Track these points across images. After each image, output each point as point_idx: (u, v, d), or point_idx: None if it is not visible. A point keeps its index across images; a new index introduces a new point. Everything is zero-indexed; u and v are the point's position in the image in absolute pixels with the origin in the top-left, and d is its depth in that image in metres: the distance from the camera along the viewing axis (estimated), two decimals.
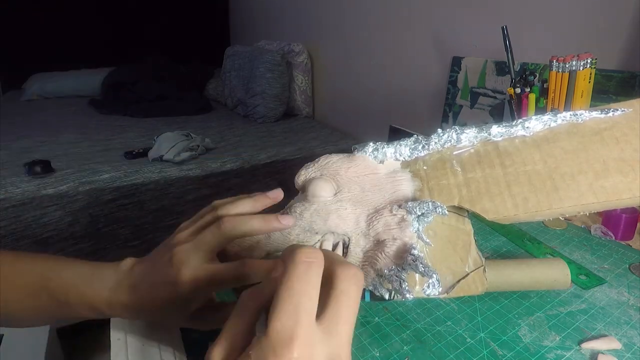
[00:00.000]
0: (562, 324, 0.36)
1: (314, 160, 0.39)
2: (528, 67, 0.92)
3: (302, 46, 1.87)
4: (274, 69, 1.77)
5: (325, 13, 1.78)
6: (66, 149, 1.38)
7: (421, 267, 0.29)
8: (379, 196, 0.35)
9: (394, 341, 0.35)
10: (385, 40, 1.44)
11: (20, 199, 1.06)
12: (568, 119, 0.36)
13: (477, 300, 0.40)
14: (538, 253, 0.48)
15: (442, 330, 0.36)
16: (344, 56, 1.71)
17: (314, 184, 0.35)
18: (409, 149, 0.38)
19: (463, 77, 1.12)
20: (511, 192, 0.34)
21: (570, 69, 0.61)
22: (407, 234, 0.32)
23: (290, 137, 1.62)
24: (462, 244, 0.34)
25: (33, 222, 1.08)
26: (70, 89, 2.31)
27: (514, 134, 0.36)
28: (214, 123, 1.82)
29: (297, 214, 0.34)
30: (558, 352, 0.33)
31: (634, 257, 0.47)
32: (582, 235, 0.52)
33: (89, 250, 1.17)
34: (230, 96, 2.03)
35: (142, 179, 1.20)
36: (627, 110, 0.35)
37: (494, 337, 0.35)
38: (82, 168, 1.20)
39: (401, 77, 1.41)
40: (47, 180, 1.12)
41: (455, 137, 0.37)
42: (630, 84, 0.73)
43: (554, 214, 0.33)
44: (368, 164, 0.38)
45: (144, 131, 1.64)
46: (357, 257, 0.33)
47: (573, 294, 0.41)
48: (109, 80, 2.12)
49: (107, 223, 1.17)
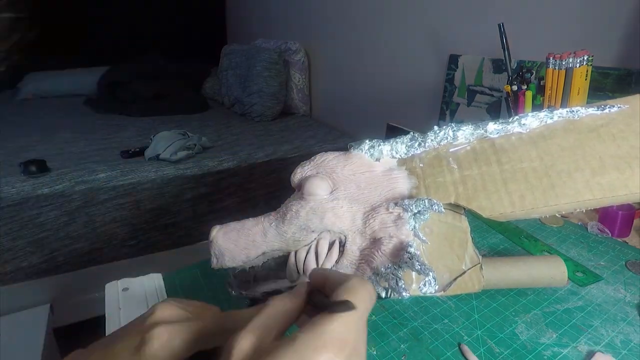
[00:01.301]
0: (559, 321, 0.36)
1: (310, 159, 0.39)
2: (525, 64, 0.92)
3: (299, 44, 1.86)
4: (270, 68, 1.76)
5: (322, 11, 1.77)
6: (62, 148, 1.37)
7: (418, 265, 0.29)
8: (375, 194, 0.35)
9: (391, 339, 0.35)
10: (382, 38, 1.44)
11: (16, 198, 1.05)
12: (564, 116, 0.36)
13: (474, 297, 0.39)
14: (535, 250, 0.48)
15: (439, 328, 0.36)
16: (341, 54, 1.71)
17: (310, 182, 0.35)
18: (405, 146, 0.38)
19: (460, 75, 1.12)
20: (508, 189, 0.33)
21: (567, 66, 0.61)
22: (404, 232, 0.32)
23: (287, 136, 1.62)
24: (458, 242, 0.34)
25: (29, 222, 1.08)
26: (66, 88, 2.30)
27: (510, 131, 0.36)
28: (210, 122, 1.81)
29: (293, 212, 0.34)
30: (555, 349, 0.33)
31: (630, 254, 0.47)
32: (579, 232, 0.52)
33: (85, 250, 1.16)
34: (227, 95, 2.02)
35: (138, 178, 1.19)
36: (624, 106, 0.35)
37: (491, 334, 0.35)
38: (78, 167, 1.19)
39: (398, 75, 1.40)
40: (42, 180, 1.11)
41: (452, 135, 0.37)
42: (626, 81, 0.73)
43: (550, 211, 0.33)
44: (364, 161, 0.37)
45: (141, 130, 1.63)
46: (353, 255, 0.32)
47: (570, 291, 0.41)
48: (105, 79, 2.11)
49: (103, 222, 1.17)
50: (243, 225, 0.35)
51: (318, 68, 1.90)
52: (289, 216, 0.34)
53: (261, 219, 0.35)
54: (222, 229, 0.36)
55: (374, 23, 1.46)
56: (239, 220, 0.36)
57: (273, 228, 0.34)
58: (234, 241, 0.34)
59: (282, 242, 0.34)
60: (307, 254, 0.33)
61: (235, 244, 0.34)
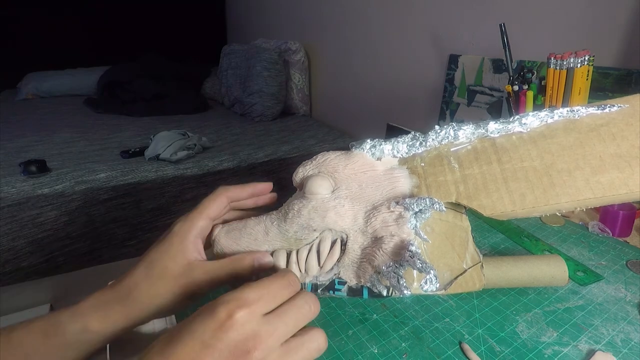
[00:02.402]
0: (559, 320, 0.37)
1: (311, 158, 0.39)
2: (525, 64, 0.92)
3: (299, 44, 1.86)
4: (270, 68, 1.76)
5: (322, 11, 1.77)
6: (62, 149, 1.37)
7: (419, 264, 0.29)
8: (377, 193, 0.35)
9: (392, 338, 0.35)
10: (382, 38, 1.44)
11: (16, 198, 1.05)
12: (565, 115, 0.36)
13: (475, 296, 0.40)
14: (536, 250, 0.48)
15: (440, 326, 0.36)
16: (341, 54, 1.71)
17: (311, 181, 0.35)
18: (407, 145, 0.38)
19: (460, 75, 1.12)
20: (508, 188, 0.34)
21: (567, 66, 0.61)
22: (405, 231, 0.32)
23: (287, 136, 1.62)
24: (459, 241, 0.34)
25: (29, 222, 1.08)
26: (65, 88, 2.30)
27: (511, 130, 0.36)
28: (210, 122, 1.82)
29: (295, 211, 0.34)
30: (555, 348, 0.33)
31: (631, 253, 0.47)
32: (580, 232, 0.52)
33: (85, 250, 1.16)
34: (227, 95, 2.02)
35: (138, 178, 1.19)
36: (624, 106, 0.35)
37: (492, 333, 0.35)
38: (78, 167, 1.19)
39: (398, 75, 1.41)
40: (42, 180, 1.11)
41: (453, 134, 0.37)
42: (626, 81, 0.74)
43: (551, 210, 0.33)
44: (365, 161, 0.37)
45: (141, 130, 1.63)
46: (355, 253, 0.33)
47: (570, 291, 0.41)
48: (105, 79, 2.11)
49: (103, 223, 1.17)
50: (245, 224, 0.35)
51: (318, 68, 1.90)
52: (290, 215, 0.34)
53: (263, 217, 0.35)
54: (224, 228, 0.36)
55: (374, 23, 1.47)
56: (241, 220, 0.36)
57: (275, 227, 0.34)
58: (236, 240, 0.35)
59: (284, 240, 0.34)
60: (308, 253, 0.33)
61: (238, 243, 0.34)
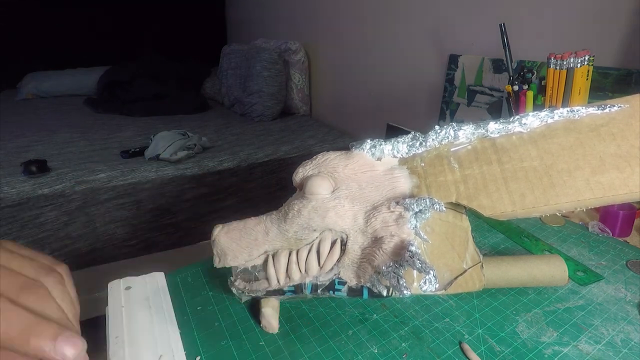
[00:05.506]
0: (559, 320, 0.37)
1: (311, 158, 0.39)
2: (525, 64, 0.92)
3: (299, 44, 1.86)
4: (270, 68, 1.76)
5: (322, 11, 1.77)
6: (62, 149, 1.37)
7: (419, 264, 0.29)
8: (377, 193, 0.35)
9: (392, 338, 0.35)
10: (382, 38, 1.44)
11: (16, 199, 1.05)
12: (565, 115, 0.36)
13: (475, 296, 0.40)
14: (536, 250, 0.48)
15: (440, 326, 0.36)
16: (341, 54, 1.71)
17: (311, 181, 0.35)
18: (407, 145, 0.38)
19: (460, 75, 1.12)
20: (508, 188, 0.34)
21: (567, 66, 0.61)
22: (405, 231, 0.32)
23: (287, 136, 1.62)
24: (459, 241, 0.34)
25: (29, 222, 1.08)
26: (65, 88, 2.30)
27: (511, 130, 0.36)
28: (210, 122, 1.82)
29: (295, 211, 0.34)
30: (555, 348, 0.33)
31: (631, 253, 0.47)
32: (580, 232, 0.52)
33: (85, 250, 1.16)
34: (227, 95, 2.02)
35: (138, 178, 1.19)
36: (624, 106, 0.35)
37: (492, 333, 0.35)
38: (78, 167, 1.19)
39: (398, 75, 1.41)
40: (43, 180, 1.11)
41: (453, 134, 0.37)
42: (626, 82, 0.74)
43: (551, 210, 0.33)
44: (365, 161, 0.37)
45: (141, 130, 1.63)
46: (355, 254, 0.33)
47: (570, 291, 0.41)
48: (105, 79, 2.11)
49: (103, 223, 1.17)
50: (245, 224, 0.35)
51: (318, 68, 1.90)
52: (290, 215, 0.34)
53: (263, 217, 0.35)
54: (224, 228, 0.36)
55: (374, 23, 1.47)
56: (241, 219, 0.36)
57: (275, 227, 0.34)
58: (236, 240, 0.35)
59: (284, 240, 0.34)
60: (308, 253, 0.33)
61: (238, 243, 0.34)
